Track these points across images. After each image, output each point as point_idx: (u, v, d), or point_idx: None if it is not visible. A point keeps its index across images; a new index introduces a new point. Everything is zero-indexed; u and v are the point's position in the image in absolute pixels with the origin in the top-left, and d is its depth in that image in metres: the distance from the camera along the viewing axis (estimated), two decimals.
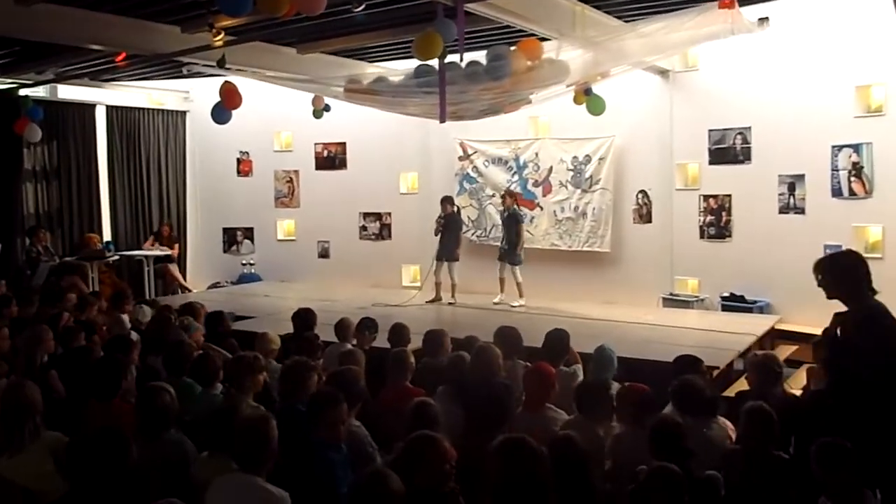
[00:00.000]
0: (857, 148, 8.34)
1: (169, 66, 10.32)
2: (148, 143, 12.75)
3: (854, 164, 8.37)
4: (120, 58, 9.11)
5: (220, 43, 7.52)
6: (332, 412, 3.69)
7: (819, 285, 3.92)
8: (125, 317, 7.23)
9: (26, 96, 10.41)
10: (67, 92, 11.76)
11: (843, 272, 3.86)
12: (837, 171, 8.53)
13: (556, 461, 3.30)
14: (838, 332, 3.87)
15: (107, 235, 12.16)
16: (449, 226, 10.27)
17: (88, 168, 11.99)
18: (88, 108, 12.02)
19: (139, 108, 12.64)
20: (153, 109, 12.82)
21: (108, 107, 12.23)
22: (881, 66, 8.00)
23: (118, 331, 6.59)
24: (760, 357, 5.02)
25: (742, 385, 5.74)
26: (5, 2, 7.04)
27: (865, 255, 7.95)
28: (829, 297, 3.88)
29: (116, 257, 11.76)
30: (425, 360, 5.59)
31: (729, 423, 4.28)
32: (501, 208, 10.45)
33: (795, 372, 6.60)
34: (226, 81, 8.43)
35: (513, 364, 5.35)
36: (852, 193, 8.43)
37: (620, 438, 4.10)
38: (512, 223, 10.11)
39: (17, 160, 10.72)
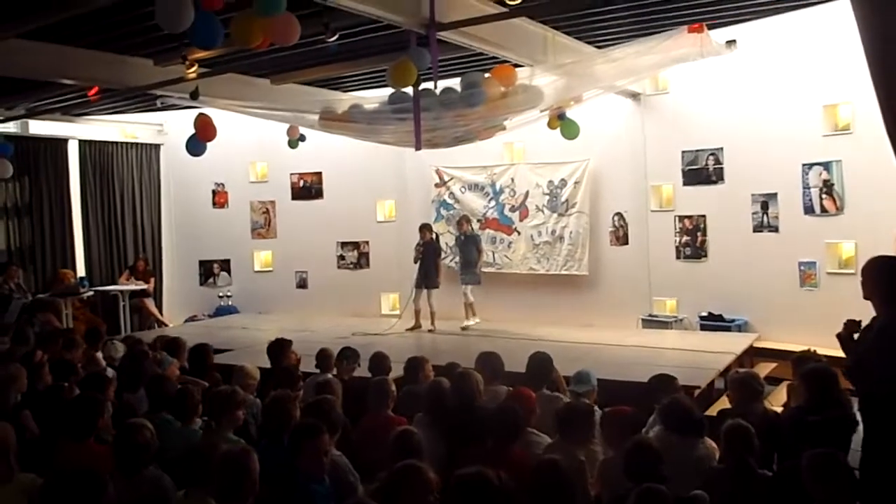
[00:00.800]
0: (826, 166, 8.48)
1: (142, 99, 10.29)
2: (122, 177, 12.66)
3: (825, 181, 8.50)
4: (92, 92, 9.08)
5: (193, 75, 7.53)
6: (314, 443, 3.64)
7: (863, 284, 3.91)
8: (99, 354, 7.11)
9: None
10: (39, 127, 11.66)
11: (890, 277, 3.83)
12: (809, 188, 8.65)
13: (541, 486, 3.27)
14: (854, 336, 3.92)
15: (81, 271, 12.02)
16: (428, 253, 10.27)
17: (61, 203, 11.87)
18: (61, 143, 11.93)
19: (112, 142, 12.56)
20: (127, 143, 12.75)
21: (80, 141, 12.15)
22: (847, 85, 8.15)
23: (93, 368, 6.48)
24: (741, 375, 5.05)
25: (723, 404, 5.76)
26: None
27: (839, 271, 8.21)
28: (865, 296, 3.90)
29: (91, 293, 11.61)
30: (406, 387, 5.56)
31: (713, 444, 4.28)
32: (458, 233, 10.60)
33: (775, 389, 6.65)
34: (200, 114, 8.43)
35: (495, 389, 5.33)
36: (824, 210, 8.55)
37: (608, 463, 4.07)
38: (471, 244, 10.31)
39: None
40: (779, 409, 5.20)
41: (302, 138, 10.54)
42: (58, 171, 11.85)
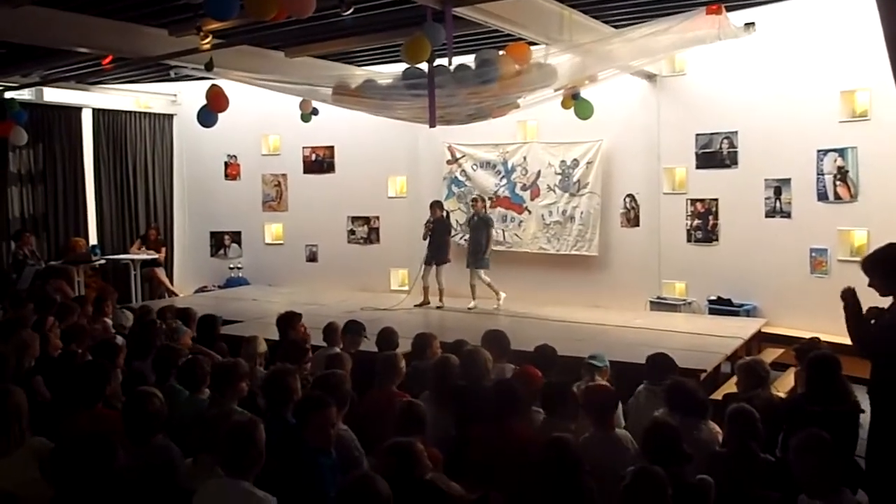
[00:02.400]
0: (842, 152, 8.41)
1: (156, 69, 10.28)
2: (135, 147, 12.70)
3: (839, 168, 8.44)
4: (107, 61, 9.07)
5: (207, 46, 7.50)
6: (321, 416, 3.68)
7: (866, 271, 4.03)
8: (108, 320, 7.18)
9: (12, 99, 10.36)
10: (53, 95, 11.66)
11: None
12: (823, 175, 8.59)
13: (551, 463, 3.30)
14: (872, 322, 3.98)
15: (93, 239, 12.10)
16: (437, 230, 10.27)
17: (74, 171, 11.93)
18: (75, 112, 11.96)
19: (126, 112, 12.59)
20: (140, 113, 12.77)
21: (94, 110, 12.18)
22: (865, 71, 8.07)
23: (102, 335, 6.55)
24: (748, 361, 5.06)
25: (729, 388, 5.78)
26: None
27: (850, 258, 8.17)
28: (870, 284, 4.03)
29: (102, 261, 11.70)
30: (414, 363, 5.59)
31: (717, 427, 4.30)
32: (471, 213, 10.49)
33: (782, 375, 6.64)
34: (213, 85, 8.41)
35: (501, 367, 5.36)
36: (838, 197, 8.49)
37: (589, 441, 4.04)
38: (482, 227, 10.16)
39: (2, 164, 10.66)
40: (784, 395, 5.21)
41: (315, 112, 10.52)
42: (71, 140, 11.89)
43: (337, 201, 12.31)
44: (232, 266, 12.97)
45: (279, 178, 12.89)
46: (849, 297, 4.09)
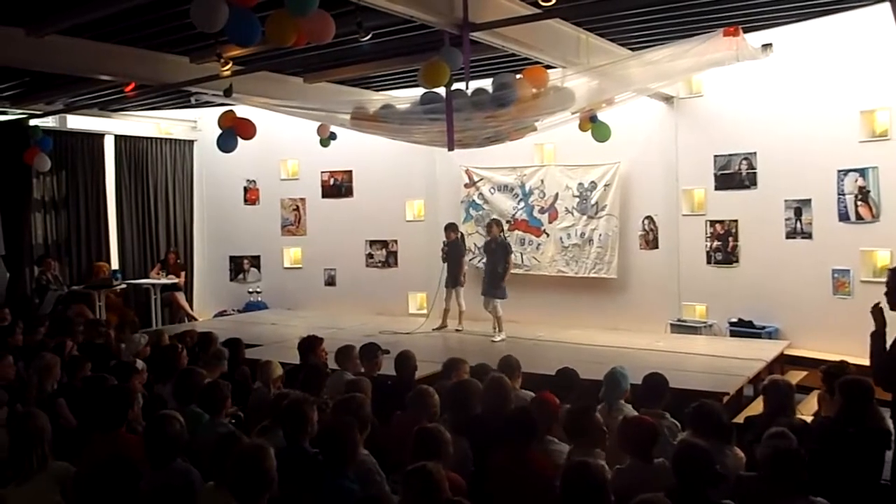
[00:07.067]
0: (863, 172, 8.34)
1: (177, 95, 10.42)
2: (156, 172, 12.84)
3: (860, 188, 8.37)
4: (129, 88, 9.21)
5: (227, 72, 7.60)
6: (344, 441, 3.67)
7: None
8: (124, 345, 7.24)
9: (36, 126, 10.52)
10: (76, 122, 11.87)
11: None
12: (844, 195, 8.52)
13: (571, 488, 3.26)
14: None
15: (114, 264, 12.20)
16: (451, 253, 10.25)
17: (97, 197, 12.07)
18: (97, 138, 12.13)
19: (147, 138, 12.75)
20: (161, 139, 12.93)
21: (116, 136, 12.34)
22: (885, 90, 8.03)
23: (123, 358, 6.59)
24: (776, 380, 4.99)
25: (752, 411, 5.70)
26: (17, 33, 7.15)
27: (873, 279, 8.07)
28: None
29: (124, 286, 11.79)
30: (438, 383, 5.56)
31: (741, 453, 4.22)
32: (487, 238, 10.18)
33: (806, 398, 6.56)
34: (228, 110, 8.49)
35: (517, 394, 5.32)
36: (859, 218, 8.41)
37: (625, 472, 3.92)
38: (501, 253, 9.83)
39: (26, 190, 10.79)
40: (808, 419, 5.13)
41: (333, 136, 10.60)
42: (94, 166, 12.04)
43: (355, 225, 12.36)
44: (251, 290, 13.02)
45: (298, 203, 12.98)
46: (877, 315, 4.05)
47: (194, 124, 13.08)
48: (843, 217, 8.55)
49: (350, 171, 12.53)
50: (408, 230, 12.19)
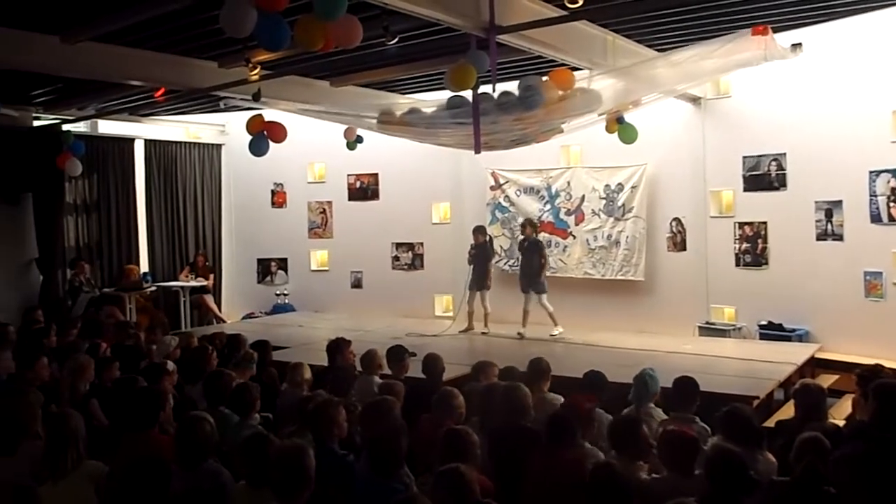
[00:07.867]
0: (895, 173, 8.21)
1: (206, 100, 10.53)
2: (185, 176, 12.97)
3: (893, 189, 8.24)
4: (159, 93, 9.34)
5: (255, 77, 7.66)
6: (397, 446, 3.73)
7: None
8: (155, 347, 7.33)
9: (68, 131, 10.68)
10: (107, 127, 12.04)
11: None
12: (876, 196, 8.39)
13: (596, 490, 3.25)
14: None
15: (144, 267, 12.34)
16: (479, 256, 10.27)
17: (127, 201, 12.22)
18: (127, 143, 12.28)
19: (176, 142, 12.89)
20: (190, 143, 13.07)
21: (146, 141, 12.49)
22: None
23: (154, 360, 6.68)
24: (807, 386, 4.93)
25: (782, 415, 5.64)
26: (52, 41, 7.28)
27: None
28: None
29: (153, 288, 11.93)
30: (468, 386, 5.57)
31: (772, 458, 4.17)
32: (521, 237, 10.38)
33: (838, 402, 6.48)
34: (257, 115, 8.57)
35: (544, 397, 5.31)
36: (892, 219, 8.27)
37: (661, 482, 3.86)
38: (534, 251, 10.04)
39: (59, 194, 10.95)
40: (841, 423, 5.06)
41: (359, 140, 10.65)
42: (124, 170, 12.20)
43: (381, 228, 12.41)
44: (278, 293, 13.12)
45: (325, 206, 13.06)
46: None
47: (222, 128, 13.21)
48: (875, 218, 8.42)
49: (376, 174, 12.58)
50: (434, 233, 12.21)
